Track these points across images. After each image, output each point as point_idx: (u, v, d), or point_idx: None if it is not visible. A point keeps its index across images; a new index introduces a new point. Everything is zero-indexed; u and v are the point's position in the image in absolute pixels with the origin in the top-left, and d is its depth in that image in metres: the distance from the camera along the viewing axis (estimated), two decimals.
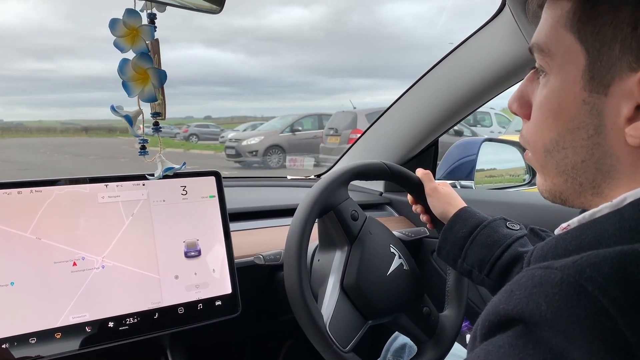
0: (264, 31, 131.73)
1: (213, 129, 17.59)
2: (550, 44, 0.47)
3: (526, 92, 0.51)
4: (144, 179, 0.89)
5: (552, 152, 0.48)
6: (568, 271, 0.35)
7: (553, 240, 0.44)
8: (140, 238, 0.88)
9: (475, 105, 1.27)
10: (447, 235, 0.88)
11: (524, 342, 0.35)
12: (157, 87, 0.70)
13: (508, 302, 0.37)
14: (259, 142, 10.54)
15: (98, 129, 23.90)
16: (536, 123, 0.49)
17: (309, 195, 0.85)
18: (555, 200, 0.51)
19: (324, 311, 0.82)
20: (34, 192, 0.82)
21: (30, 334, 0.77)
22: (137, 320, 0.85)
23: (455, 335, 0.97)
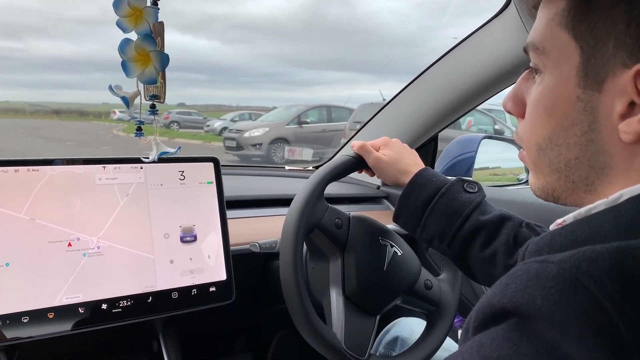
0: (240, 19, 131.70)
1: (195, 116, 16.93)
2: (545, 42, 0.47)
3: (520, 91, 0.52)
4: (140, 162, 0.89)
5: (545, 150, 0.48)
6: (565, 265, 0.35)
7: (548, 235, 0.44)
8: (136, 220, 0.88)
9: (477, 101, 1.26)
10: (404, 203, 0.86)
11: (519, 335, 0.35)
12: (159, 70, 0.69)
13: (503, 295, 0.37)
14: (264, 134, 9.68)
15: (69, 112, 23.37)
16: (530, 121, 0.49)
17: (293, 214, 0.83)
18: (547, 198, 0.51)
19: (336, 329, 0.84)
20: (30, 171, 0.81)
21: (23, 312, 0.77)
22: (130, 303, 0.85)
23: (457, 297, 0.98)
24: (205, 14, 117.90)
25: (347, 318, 0.85)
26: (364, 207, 1.42)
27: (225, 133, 10.53)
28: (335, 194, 1.38)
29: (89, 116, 21.50)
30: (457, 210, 0.81)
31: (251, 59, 69.10)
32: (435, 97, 1.30)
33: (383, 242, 0.92)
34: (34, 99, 39.18)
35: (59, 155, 0.85)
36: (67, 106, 26.94)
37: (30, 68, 45.88)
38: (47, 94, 46.53)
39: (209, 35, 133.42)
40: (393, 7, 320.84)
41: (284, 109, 10.97)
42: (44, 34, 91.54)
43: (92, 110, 23.68)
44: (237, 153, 9.62)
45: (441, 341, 0.95)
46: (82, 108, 24.38)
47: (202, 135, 13.84)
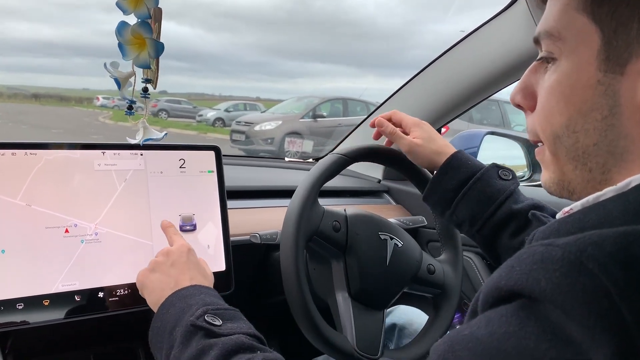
0: (224, 7, 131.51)
1: (185, 105, 16.37)
2: (560, 28, 0.46)
3: (530, 83, 0.51)
4: (139, 147, 0.87)
5: (562, 138, 0.47)
6: (570, 248, 0.35)
7: (555, 223, 0.44)
8: (134, 207, 0.86)
9: (484, 95, 1.25)
10: (436, 184, 0.86)
11: (526, 314, 0.36)
12: (153, 57, 0.69)
13: (509, 278, 0.38)
14: (276, 128, 8.91)
15: (48, 96, 22.88)
16: (544, 110, 0.48)
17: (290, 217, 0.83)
18: (562, 192, 0.50)
19: (346, 332, 0.84)
20: (28, 155, 0.79)
21: (18, 299, 0.76)
22: (128, 292, 0.84)
23: (460, 275, 0.99)
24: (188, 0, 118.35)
25: (356, 319, 0.85)
26: (364, 200, 1.41)
27: (233, 125, 9.73)
28: (335, 187, 1.37)
29: (71, 102, 21.12)
30: (490, 196, 0.82)
31: (234, 48, 69.15)
32: (439, 91, 1.29)
33: (383, 237, 0.92)
34: (10, 82, 38.58)
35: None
36: (46, 90, 26.47)
37: (6, 50, 45.35)
38: (25, 78, 46.19)
39: (191, 23, 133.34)
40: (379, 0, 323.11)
41: (296, 101, 10.41)
42: (21, 16, 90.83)
43: (73, 95, 23.28)
44: (245, 147, 8.90)
45: (450, 321, 0.96)
46: (62, 93, 23.97)
47: (194, 125, 13.48)
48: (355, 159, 0.92)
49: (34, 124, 12.89)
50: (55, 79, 46.43)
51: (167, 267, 0.72)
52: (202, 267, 0.76)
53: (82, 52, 55.58)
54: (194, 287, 0.70)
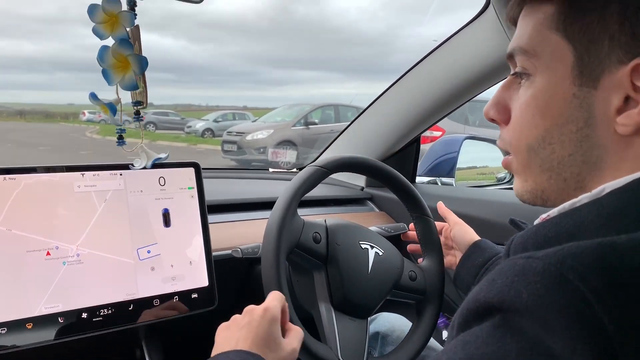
0: (207, 17, 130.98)
1: (173, 117, 16.25)
2: (535, 45, 0.48)
3: (503, 99, 0.53)
4: (124, 168, 0.88)
5: (537, 150, 0.49)
6: (550, 260, 0.36)
7: (533, 228, 0.46)
8: (115, 226, 0.87)
9: (458, 102, 1.27)
10: (465, 262, 0.93)
11: (502, 331, 0.36)
12: (138, 74, 0.68)
13: (489, 291, 0.38)
14: (268, 137, 8.75)
15: (34, 113, 22.64)
16: (519, 123, 0.50)
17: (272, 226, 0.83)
18: (535, 201, 0.52)
19: (330, 342, 0.85)
20: (7, 180, 0.80)
21: (1, 323, 0.76)
22: (111, 311, 0.84)
23: (443, 280, 1.01)
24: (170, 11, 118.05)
25: (339, 329, 0.86)
26: (348, 209, 1.42)
27: (224, 136, 9.55)
28: (317, 196, 1.38)
29: (56, 117, 20.82)
30: None
31: (219, 58, 69.12)
32: (416, 99, 1.31)
33: (364, 246, 0.93)
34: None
35: (35, 161, 0.83)
36: (31, 107, 26.02)
37: None
38: (8, 95, 45.68)
39: (175, 34, 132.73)
40: (361, 5, 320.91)
41: (287, 109, 10.25)
42: (2, 32, 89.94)
43: (59, 111, 22.96)
44: (237, 158, 8.76)
45: (434, 326, 0.97)
46: (48, 109, 23.65)
47: (184, 137, 13.29)
48: (333, 170, 0.93)
49: (19, 142, 12.63)
50: (40, 95, 46.15)
51: (239, 326, 0.68)
52: (276, 340, 0.66)
53: (65, 67, 55.46)
54: (245, 353, 0.62)
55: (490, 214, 1.25)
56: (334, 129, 8.69)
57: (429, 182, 1.58)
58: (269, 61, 68.92)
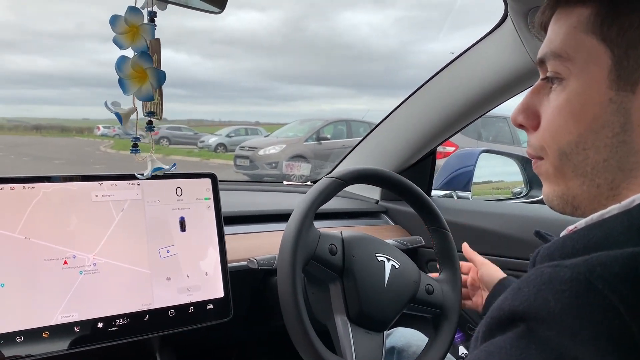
0: (220, 34, 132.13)
1: (186, 132, 16.27)
2: (569, 49, 0.47)
3: (532, 104, 0.52)
4: (132, 178, 0.88)
5: (570, 155, 0.48)
6: (578, 269, 0.36)
7: (560, 240, 0.44)
8: (132, 236, 0.87)
9: (474, 115, 1.27)
10: (491, 301, 0.91)
11: (526, 342, 0.35)
12: (155, 87, 0.69)
13: (515, 299, 0.38)
14: (280, 152, 8.78)
15: (49, 127, 22.85)
16: (552, 128, 0.49)
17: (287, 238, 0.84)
18: (565, 207, 0.50)
19: (346, 356, 0.84)
20: (26, 189, 0.81)
21: (17, 332, 0.76)
22: (127, 321, 0.84)
23: (459, 295, 0.99)
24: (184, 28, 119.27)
25: (355, 342, 0.85)
26: (363, 222, 1.41)
27: (237, 151, 9.60)
28: (332, 209, 1.38)
29: (71, 132, 21.05)
30: None
31: (232, 74, 69.69)
32: (432, 111, 1.30)
33: (380, 258, 0.92)
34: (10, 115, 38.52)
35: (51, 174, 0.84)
36: (46, 122, 26.31)
37: (5, 83, 45.64)
38: (24, 110, 46.48)
39: (188, 50, 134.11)
40: (372, 21, 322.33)
41: (298, 124, 10.30)
42: (18, 48, 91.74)
43: (74, 125, 23.22)
44: (249, 172, 8.74)
45: (451, 341, 0.95)
46: (63, 124, 23.97)
47: (197, 152, 13.35)
48: (349, 181, 0.93)
49: (35, 156, 12.74)
50: (55, 109, 46.95)
51: None
52: None
53: (80, 82, 56.36)
54: None
55: (507, 227, 1.23)
56: (346, 144, 8.56)
57: (444, 195, 1.57)
58: (281, 77, 69.76)
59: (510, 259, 1.21)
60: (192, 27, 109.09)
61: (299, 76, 60.23)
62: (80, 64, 64.84)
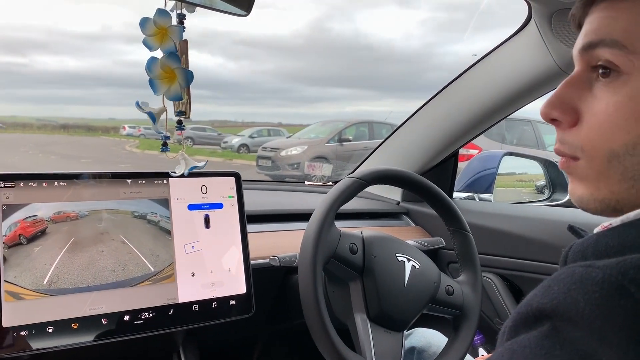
0: (243, 35, 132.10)
1: (210, 132, 16.45)
2: (633, 39, 0.42)
3: (569, 97, 0.47)
4: (166, 176, 0.91)
5: (622, 157, 0.43)
6: (611, 271, 0.35)
7: (593, 237, 0.43)
8: (158, 232, 0.89)
9: (497, 118, 1.27)
10: None
11: (551, 342, 0.35)
12: (183, 87, 0.71)
13: (544, 296, 0.37)
14: (302, 153, 8.79)
15: (76, 127, 23.04)
16: (603, 127, 0.44)
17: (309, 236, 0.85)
18: (604, 211, 0.46)
19: (365, 354, 0.85)
20: (58, 185, 0.84)
21: (48, 322, 0.79)
22: (152, 315, 0.87)
23: (480, 296, 0.99)
24: (207, 29, 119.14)
25: (374, 341, 0.86)
26: (384, 222, 1.42)
27: (259, 151, 9.61)
28: (353, 209, 1.39)
29: (97, 131, 21.40)
30: None
31: (255, 75, 69.83)
32: (455, 113, 1.31)
33: (400, 258, 0.93)
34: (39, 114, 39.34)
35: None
36: (73, 121, 26.79)
37: (34, 83, 46.73)
38: (52, 109, 47.40)
39: (212, 51, 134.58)
40: (396, 23, 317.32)
41: (320, 125, 10.29)
42: (47, 49, 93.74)
43: (100, 125, 23.55)
44: (271, 173, 8.76)
45: (470, 342, 0.96)
46: (89, 123, 24.37)
47: (220, 152, 13.44)
48: (370, 182, 0.94)
49: (63, 154, 12.98)
50: (82, 109, 47.82)
51: None
52: None
53: (106, 82, 57.43)
54: None
55: (529, 230, 1.23)
56: (367, 146, 8.54)
57: (466, 197, 1.56)
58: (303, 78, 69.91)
59: (532, 261, 1.21)
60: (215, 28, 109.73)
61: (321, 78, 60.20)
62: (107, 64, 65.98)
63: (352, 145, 9.07)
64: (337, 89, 61.86)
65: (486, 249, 1.27)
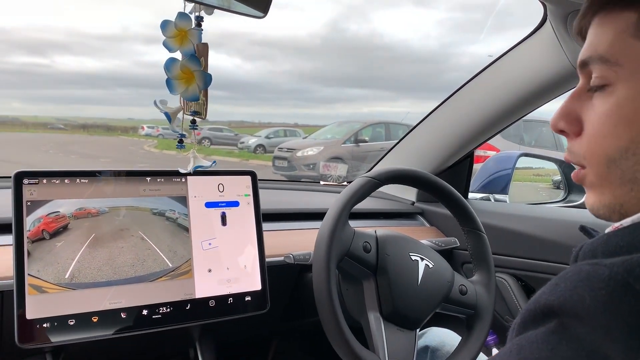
0: (260, 36, 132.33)
1: (227, 132, 16.62)
2: (616, 53, 0.46)
3: (573, 109, 0.50)
4: (175, 174, 0.93)
5: (618, 161, 0.46)
6: (617, 269, 0.36)
7: (604, 236, 0.44)
8: (176, 229, 0.92)
9: (512, 119, 1.27)
10: None
11: (558, 338, 0.36)
12: (202, 89, 0.72)
13: (551, 293, 0.38)
14: (318, 154, 8.85)
15: (95, 126, 23.53)
16: (598, 135, 0.48)
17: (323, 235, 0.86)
18: (612, 215, 0.49)
19: (378, 352, 0.86)
20: (79, 182, 0.86)
21: (70, 315, 0.81)
22: (170, 310, 0.89)
23: (493, 297, 1.00)
24: (224, 30, 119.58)
25: (388, 339, 0.87)
26: (398, 222, 1.43)
27: (275, 152, 9.69)
28: (368, 209, 1.40)
29: (117, 131, 21.70)
30: None
31: (271, 76, 69.82)
32: (470, 114, 1.31)
33: (414, 258, 0.94)
34: (60, 114, 39.92)
35: None
36: (93, 121, 27.20)
37: (55, 83, 47.45)
38: (72, 109, 48.06)
39: (229, 52, 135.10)
40: (413, 23, 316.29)
41: (337, 126, 10.33)
42: (68, 50, 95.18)
43: (119, 125, 23.83)
44: (287, 173, 8.84)
45: (483, 342, 0.96)
46: (109, 123, 24.74)
47: (236, 152, 13.54)
48: (384, 181, 0.95)
49: (82, 154, 13.21)
50: (101, 109, 48.59)
51: None
52: None
53: (124, 82, 58.01)
54: None
55: (543, 231, 1.23)
56: (384, 147, 8.27)
57: (482, 198, 1.57)
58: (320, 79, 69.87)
59: (547, 262, 1.21)
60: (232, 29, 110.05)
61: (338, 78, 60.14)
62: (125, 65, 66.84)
63: (368, 146, 9.07)
64: (353, 90, 61.79)
65: (501, 249, 1.27)
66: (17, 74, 46.87)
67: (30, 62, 67.43)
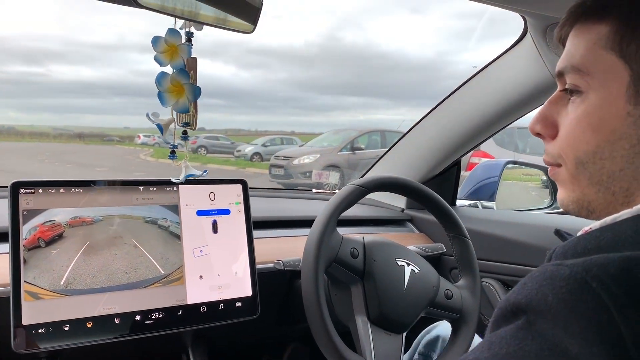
0: (256, 44, 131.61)
1: (223, 141, 16.47)
2: (588, 64, 0.49)
3: (550, 114, 0.54)
4: (167, 183, 0.96)
5: (587, 164, 0.50)
6: (577, 268, 0.39)
7: (575, 239, 0.47)
8: (168, 237, 0.94)
9: (497, 127, 1.30)
10: None
11: (524, 334, 0.39)
12: (191, 101, 0.75)
13: (519, 292, 0.41)
14: (314, 162, 8.89)
15: (91, 135, 23.37)
16: (570, 138, 0.51)
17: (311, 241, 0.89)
18: (580, 211, 0.53)
19: (365, 355, 0.88)
20: (74, 192, 0.89)
21: (65, 321, 0.84)
22: (162, 315, 0.91)
23: (478, 301, 1.02)
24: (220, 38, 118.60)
25: (375, 342, 0.90)
26: (388, 229, 1.46)
27: (272, 160, 9.69)
28: (358, 216, 1.43)
29: (113, 141, 21.73)
30: None
31: (268, 84, 69.73)
32: (456, 123, 1.34)
33: (400, 263, 0.96)
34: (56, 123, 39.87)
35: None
36: (89, 130, 27.03)
37: (51, 92, 47.24)
38: (68, 118, 47.89)
39: (225, 60, 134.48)
40: (409, 31, 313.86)
41: (333, 134, 10.29)
42: (64, 58, 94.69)
43: (115, 134, 23.75)
44: (283, 181, 8.82)
45: (468, 346, 0.99)
46: (105, 132, 24.69)
47: (233, 161, 13.44)
48: (371, 189, 0.98)
49: (78, 163, 13.12)
50: (97, 118, 48.44)
51: None
52: None
53: (121, 91, 57.88)
54: None
55: (528, 236, 1.26)
56: (380, 155, 8.57)
57: (470, 205, 1.59)
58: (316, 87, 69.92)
59: (532, 267, 1.23)
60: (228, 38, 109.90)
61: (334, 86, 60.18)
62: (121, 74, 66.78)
63: (365, 154, 9.04)
64: (350, 98, 61.80)
65: (488, 255, 1.30)
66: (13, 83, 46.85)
67: (26, 71, 67.41)
